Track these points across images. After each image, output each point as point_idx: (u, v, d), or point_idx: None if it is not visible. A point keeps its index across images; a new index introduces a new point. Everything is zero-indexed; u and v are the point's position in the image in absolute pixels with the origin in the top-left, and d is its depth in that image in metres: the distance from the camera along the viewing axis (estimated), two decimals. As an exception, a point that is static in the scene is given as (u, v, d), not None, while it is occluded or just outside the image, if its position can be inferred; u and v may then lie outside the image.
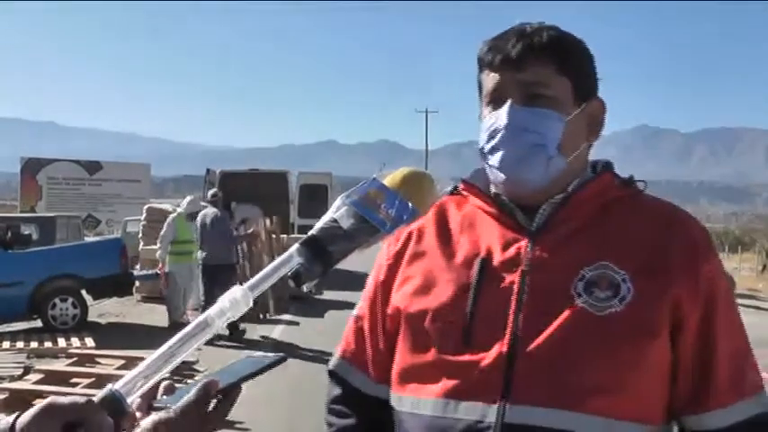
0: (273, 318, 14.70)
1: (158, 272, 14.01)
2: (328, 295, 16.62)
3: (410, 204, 1.26)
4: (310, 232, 1.23)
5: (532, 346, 1.54)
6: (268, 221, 16.63)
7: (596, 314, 1.53)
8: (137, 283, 15.39)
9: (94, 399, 1.07)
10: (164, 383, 1.17)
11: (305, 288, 15.65)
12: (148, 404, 1.14)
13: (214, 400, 1.15)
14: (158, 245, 13.57)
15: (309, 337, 12.01)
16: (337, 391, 1.83)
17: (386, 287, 1.75)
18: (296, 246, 1.21)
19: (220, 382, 1.16)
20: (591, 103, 1.67)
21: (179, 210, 13.82)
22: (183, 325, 1.17)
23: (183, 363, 8.76)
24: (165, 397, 1.15)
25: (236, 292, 1.16)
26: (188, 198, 14.22)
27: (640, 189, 1.71)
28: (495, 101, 1.63)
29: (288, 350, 11.40)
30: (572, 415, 1.49)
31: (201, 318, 1.15)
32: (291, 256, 1.20)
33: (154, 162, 39.51)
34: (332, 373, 1.85)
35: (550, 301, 1.56)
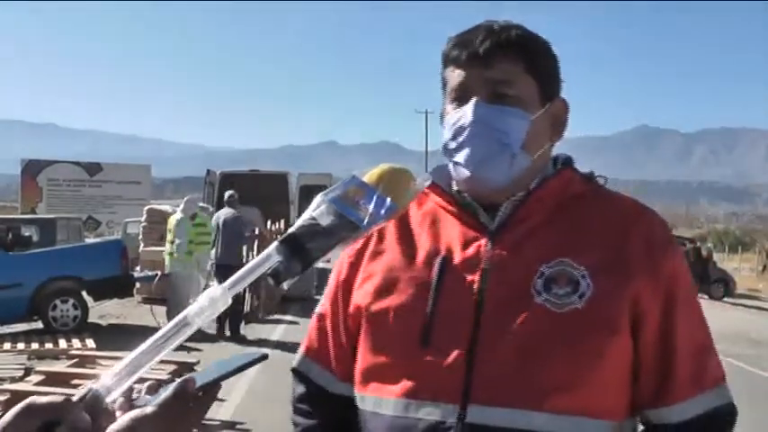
0: (274, 318, 14.71)
1: (159, 273, 14.03)
2: (328, 296, 16.56)
3: (388, 200, 1.26)
4: (289, 230, 1.24)
5: (492, 346, 1.54)
6: (277, 224, 16.65)
7: (556, 311, 1.53)
8: (137, 285, 15.39)
9: (73, 398, 1.08)
10: (147, 383, 1.18)
11: (285, 286, 15.54)
12: (130, 403, 1.14)
13: (193, 398, 1.16)
14: (175, 249, 13.41)
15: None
16: (301, 389, 1.83)
17: (347, 285, 1.74)
18: (274, 244, 1.21)
19: (198, 380, 1.16)
20: (555, 103, 1.67)
21: (179, 211, 13.79)
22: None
23: (184, 364, 8.81)
24: (147, 396, 1.16)
25: (214, 290, 1.17)
26: (186, 198, 14.23)
27: (601, 184, 1.70)
28: (460, 98, 1.63)
29: (289, 350, 11.39)
30: (533, 414, 1.49)
31: (181, 316, 1.16)
32: (270, 255, 1.20)
33: (154, 163, 39.48)
34: (295, 371, 1.84)
35: (510, 300, 1.56)
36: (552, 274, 1.56)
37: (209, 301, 1.16)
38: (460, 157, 1.61)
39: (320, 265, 1.28)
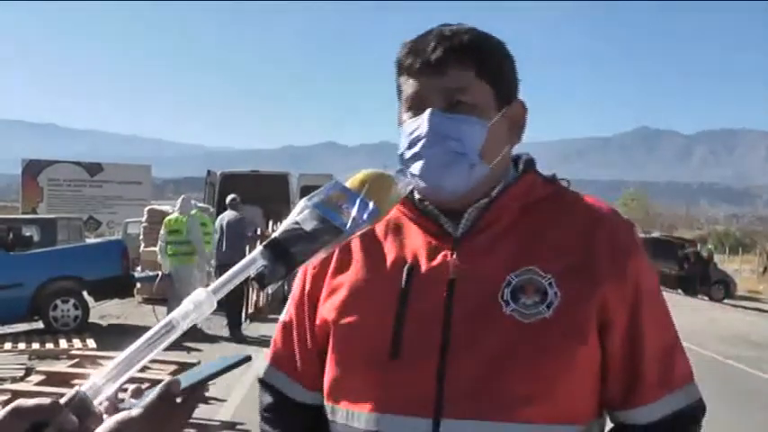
0: (276, 317, 14.72)
1: (159, 273, 14.05)
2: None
3: (371, 204, 1.27)
4: (273, 235, 1.25)
5: (462, 358, 1.51)
6: (279, 224, 16.72)
7: (524, 322, 1.51)
8: (138, 285, 15.39)
9: (61, 400, 1.09)
10: (131, 387, 1.18)
11: (269, 290, 15.74)
12: (116, 407, 1.15)
13: (178, 400, 1.17)
14: (199, 248, 13.57)
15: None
16: (268, 399, 1.79)
17: (312, 297, 1.71)
18: (259, 248, 1.23)
19: (183, 381, 1.17)
20: (512, 106, 1.64)
21: (177, 211, 13.82)
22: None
23: (185, 364, 8.81)
24: (132, 400, 1.16)
25: (199, 294, 1.17)
26: (182, 197, 14.28)
27: (564, 187, 1.68)
28: (415, 107, 1.59)
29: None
30: (506, 426, 1.48)
31: (166, 320, 1.17)
32: (255, 259, 1.21)
33: (154, 163, 39.48)
34: (261, 381, 1.82)
35: (479, 311, 1.53)
36: (520, 283, 1.54)
37: (194, 304, 1.17)
38: (415, 168, 1.57)
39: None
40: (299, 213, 1.25)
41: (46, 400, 1.08)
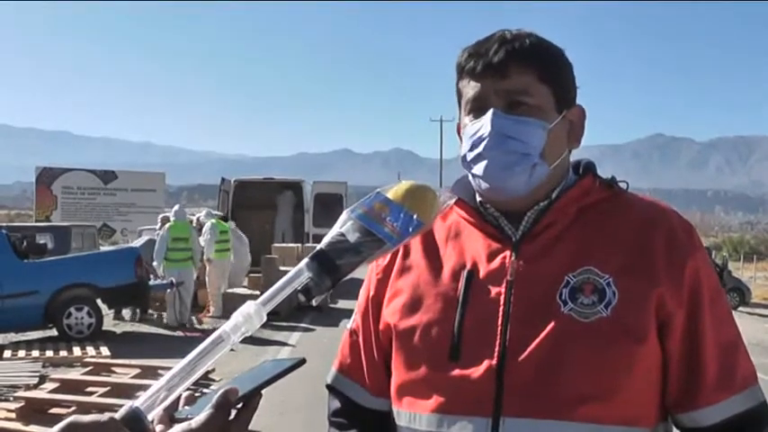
0: (290, 324, 14.73)
1: (172, 280, 14.13)
2: (343, 304, 16.63)
3: (415, 217, 1.27)
4: (318, 246, 1.25)
5: (521, 358, 1.53)
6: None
7: (583, 321, 1.52)
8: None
9: (116, 416, 1.08)
10: (184, 394, 1.17)
11: (314, 303, 15.68)
12: (170, 416, 1.14)
13: (235, 409, 1.15)
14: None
15: (325, 344, 12.02)
16: (336, 404, 1.83)
17: (376, 302, 1.75)
18: (305, 260, 1.22)
19: (240, 389, 1.15)
20: (571, 110, 1.66)
21: (172, 217, 14.62)
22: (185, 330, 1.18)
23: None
24: (186, 408, 1.15)
25: (249, 307, 1.17)
26: (178, 206, 14.87)
27: (622, 189, 1.69)
28: (477, 109, 1.61)
29: (305, 357, 11.39)
30: (566, 425, 1.49)
31: (216, 334, 1.16)
32: (301, 271, 1.21)
33: (168, 171, 39.59)
34: (330, 387, 1.85)
35: (537, 311, 1.55)
36: (578, 283, 1.55)
37: (244, 317, 1.16)
38: (479, 168, 1.60)
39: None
40: (343, 225, 1.25)
41: (103, 417, 1.07)
